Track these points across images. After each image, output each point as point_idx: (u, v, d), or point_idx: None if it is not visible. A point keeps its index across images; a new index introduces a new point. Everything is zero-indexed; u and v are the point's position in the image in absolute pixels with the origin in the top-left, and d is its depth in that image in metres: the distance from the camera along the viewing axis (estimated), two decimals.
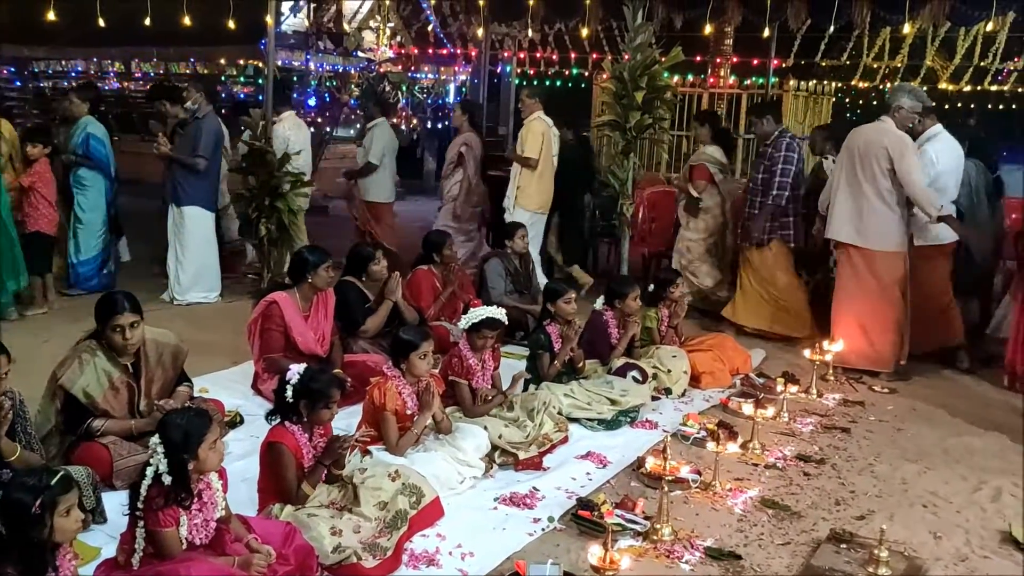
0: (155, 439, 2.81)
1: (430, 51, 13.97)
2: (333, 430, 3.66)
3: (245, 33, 9.08)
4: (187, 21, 6.35)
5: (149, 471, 2.79)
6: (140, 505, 2.78)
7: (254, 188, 6.84)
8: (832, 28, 7.50)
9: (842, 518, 3.85)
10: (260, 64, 12.04)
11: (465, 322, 4.61)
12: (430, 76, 14.70)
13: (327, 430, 3.53)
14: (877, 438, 4.87)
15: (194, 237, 6.91)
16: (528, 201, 7.39)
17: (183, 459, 2.75)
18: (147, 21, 6.76)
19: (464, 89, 16.23)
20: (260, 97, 11.50)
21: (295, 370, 3.36)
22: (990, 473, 4.42)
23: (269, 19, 6.83)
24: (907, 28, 7.02)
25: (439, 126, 15.59)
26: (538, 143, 7.29)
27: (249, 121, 7.08)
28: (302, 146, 7.37)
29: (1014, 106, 14.12)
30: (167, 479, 2.76)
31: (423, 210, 12.20)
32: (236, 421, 4.52)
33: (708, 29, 6.54)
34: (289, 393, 3.32)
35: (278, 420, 3.41)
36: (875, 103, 15.15)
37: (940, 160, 6.03)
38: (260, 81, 12.50)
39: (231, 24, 6.33)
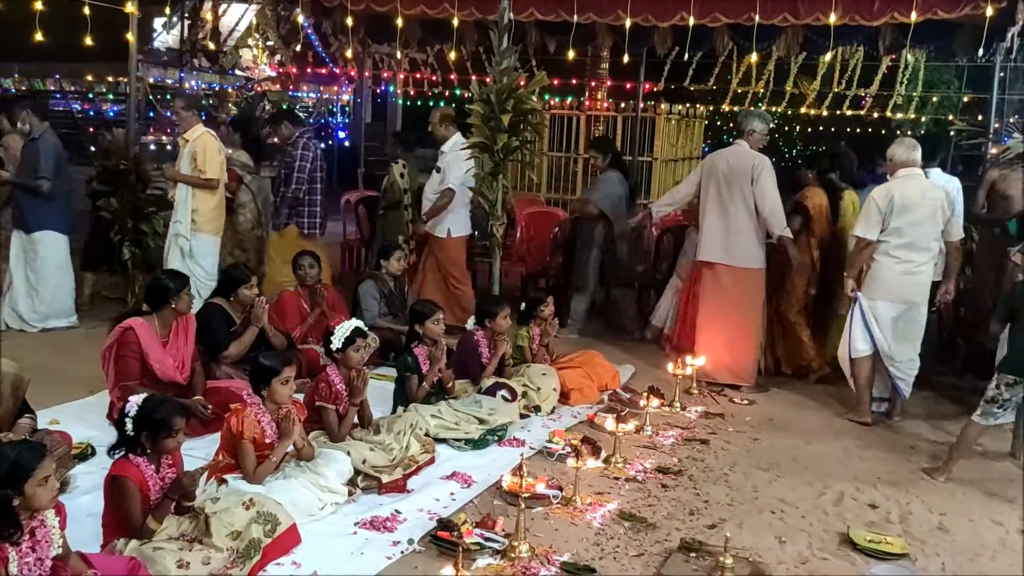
0: None
1: (310, 70, 13.84)
2: (185, 460, 3.58)
3: (114, 49, 8.81)
4: (40, 37, 6.09)
5: None
6: None
7: (116, 210, 6.61)
8: (695, 55, 7.83)
9: (695, 527, 4.00)
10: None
11: (338, 339, 4.56)
12: (311, 95, 14.55)
13: (176, 459, 3.45)
14: (734, 448, 5.08)
15: (48, 262, 6.62)
16: (208, 225, 6.69)
17: (8, 494, 2.63)
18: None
19: (348, 109, 16.15)
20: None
21: (134, 401, 3.26)
22: (834, 479, 4.68)
23: (131, 36, 6.62)
24: (754, 57, 7.39)
25: (323, 145, 15.43)
26: (218, 160, 6.66)
27: (112, 140, 6.85)
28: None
29: (870, 130, 15.07)
30: None
31: None
32: (87, 453, 4.34)
33: (571, 54, 6.70)
34: (129, 425, 3.22)
35: (122, 453, 3.30)
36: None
37: (461, 166, 6.84)
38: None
39: (89, 40, 6.10)
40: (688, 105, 12.13)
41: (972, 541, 4.04)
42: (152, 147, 11.96)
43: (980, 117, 10.18)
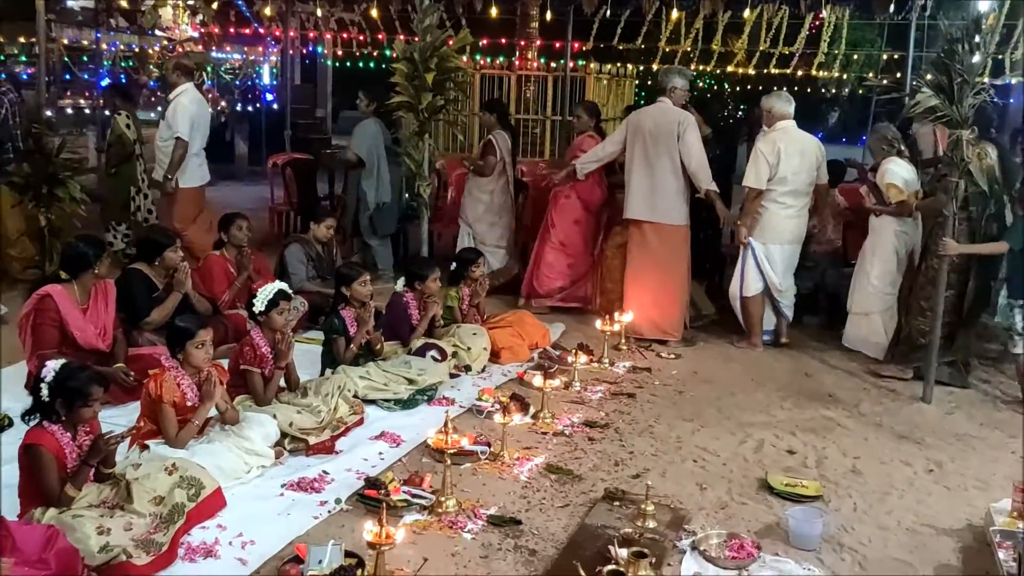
0: None
1: (233, 30, 13.46)
2: (107, 428, 3.51)
3: (25, 8, 8.44)
4: None
5: None
6: None
7: (29, 176, 6.37)
8: (622, 13, 7.82)
9: (619, 478, 4.09)
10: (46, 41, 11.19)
11: (260, 302, 4.52)
12: (236, 56, 14.16)
13: (94, 427, 3.39)
14: (659, 401, 5.20)
15: None
16: None
17: None
18: None
19: (275, 71, 15.78)
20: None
21: (51, 366, 3.20)
22: (755, 427, 4.83)
23: None
24: (675, 14, 7.44)
25: (249, 108, 15.09)
26: None
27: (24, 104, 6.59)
28: None
29: (796, 88, 15.30)
30: None
31: (233, 195, 11.77)
32: (4, 424, 4.24)
33: (495, 12, 6.64)
34: (44, 390, 3.16)
35: (36, 419, 3.24)
36: None
37: (182, 115, 7.03)
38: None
39: None
40: (618, 64, 12.13)
41: (882, 482, 4.22)
42: (69, 111, 11.55)
43: (899, 75, 10.43)
